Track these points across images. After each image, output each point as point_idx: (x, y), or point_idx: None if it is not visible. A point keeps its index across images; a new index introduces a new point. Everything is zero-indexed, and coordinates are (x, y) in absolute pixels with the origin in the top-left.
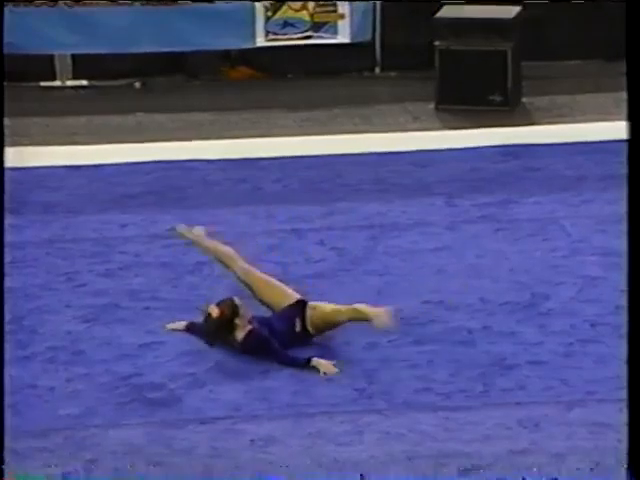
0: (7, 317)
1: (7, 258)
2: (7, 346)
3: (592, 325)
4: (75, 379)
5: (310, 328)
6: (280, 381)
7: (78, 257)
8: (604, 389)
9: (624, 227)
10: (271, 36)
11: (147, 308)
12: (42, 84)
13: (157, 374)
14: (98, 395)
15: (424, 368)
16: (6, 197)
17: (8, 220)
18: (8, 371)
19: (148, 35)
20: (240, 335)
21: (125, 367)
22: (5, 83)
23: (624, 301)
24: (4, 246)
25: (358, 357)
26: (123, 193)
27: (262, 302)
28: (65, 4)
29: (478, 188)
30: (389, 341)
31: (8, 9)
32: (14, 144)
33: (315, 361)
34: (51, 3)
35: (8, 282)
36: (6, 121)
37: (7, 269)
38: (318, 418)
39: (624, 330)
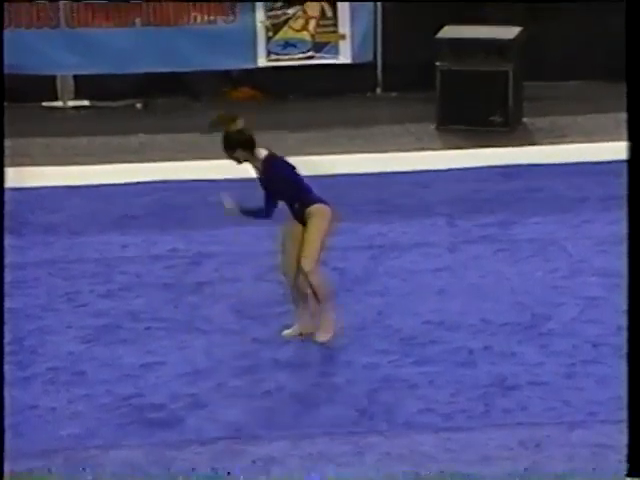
0: (8, 337)
1: (8, 279)
2: (8, 367)
3: (594, 346)
4: (76, 400)
5: None
6: (281, 402)
7: (79, 278)
8: (606, 410)
9: (625, 248)
10: (273, 56)
11: (148, 328)
12: (44, 104)
13: (158, 395)
14: (99, 416)
15: (425, 388)
16: (7, 217)
17: (9, 241)
18: (9, 392)
19: (149, 56)
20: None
21: (126, 388)
22: (7, 103)
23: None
24: (4, 267)
25: (359, 377)
26: (124, 214)
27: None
28: (67, 25)
29: (479, 208)
30: (390, 361)
31: (9, 30)
32: (15, 164)
33: None
34: (53, 24)
35: (9, 303)
36: (7, 141)
37: (8, 290)
38: (319, 439)
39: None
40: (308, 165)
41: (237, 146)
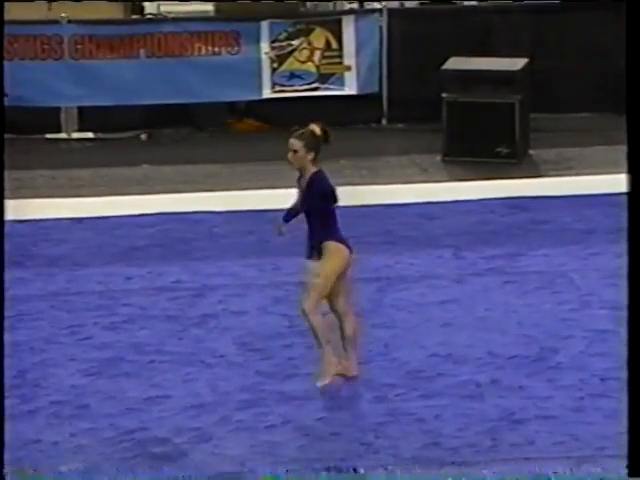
0: (11, 371)
1: (12, 312)
2: (11, 400)
3: (602, 379)
4: (79, 434)
5: None
6: (286, 435)
7: (83, 310)
8: (614, 445)
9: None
10: (278, 88)
11: (152, 361)
12: (48, 136)
13: (162, 428)
14: (102, 450)
15: (432, 422)
16: (12, 250)
17: (13, 273)
18: (12, 426)
19: (154, 87)
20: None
21: (130, 421)
22: (12, 136)
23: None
24: (5, 299)
25: (365, 411)
26: (129, 245)
27: None
28: (71, 57)
29: (486, 240)
30: (396, 395)
31: (14, 63)
32: (20, 196)
33: None
34: (57, 56)
35: (12, 336)
36: (12, 173)
37: (12, 322)
38: (324, 473)
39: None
40: None
41: (315, 150)
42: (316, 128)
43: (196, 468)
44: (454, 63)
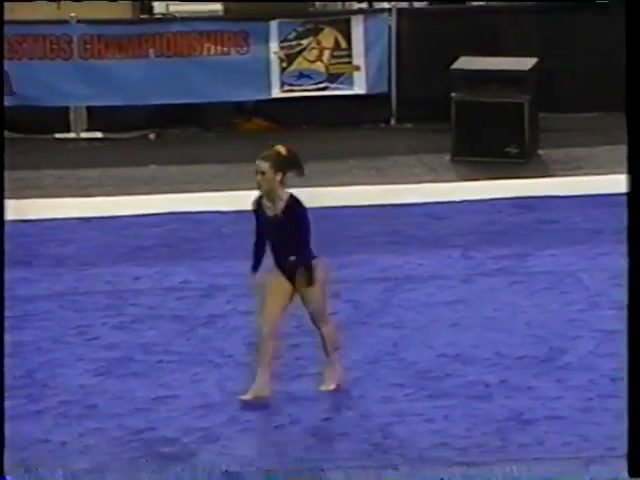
0: (19, 371)
1: (19, 311)
2: (19, 400)
3: (611, 380)
4: (87, 434)
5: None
6: (293, 436)
7: (91, 310)
8: (624, 445)
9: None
10: (286, 87)
11: (160, 361)
12: (57, 136)
13: (170, 428)
14: (110, 450)
15: (440, 423)
16: (19, 250)
17: (20, 273)
18: (20, 426)
19: (162, 87)
20: (281, 204)
21: (138, 421)
22: (20, 135)
23: None
24: (13, 298)
25: (373, 411)
26: (136, 245)
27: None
28: (80, 57)
29: (494, 240)
30: (404, 395)
31: (23, 62)
32: (27, 196)
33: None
34: (66, 56)
35: (20, 336)
36: (20, 173)
37: (19, 322)
38: (332, 473)
39: None
40: (319, 197)
41: (283, 171)
42: (281, 148)
43: (204, 468)
44: (463, 63)
